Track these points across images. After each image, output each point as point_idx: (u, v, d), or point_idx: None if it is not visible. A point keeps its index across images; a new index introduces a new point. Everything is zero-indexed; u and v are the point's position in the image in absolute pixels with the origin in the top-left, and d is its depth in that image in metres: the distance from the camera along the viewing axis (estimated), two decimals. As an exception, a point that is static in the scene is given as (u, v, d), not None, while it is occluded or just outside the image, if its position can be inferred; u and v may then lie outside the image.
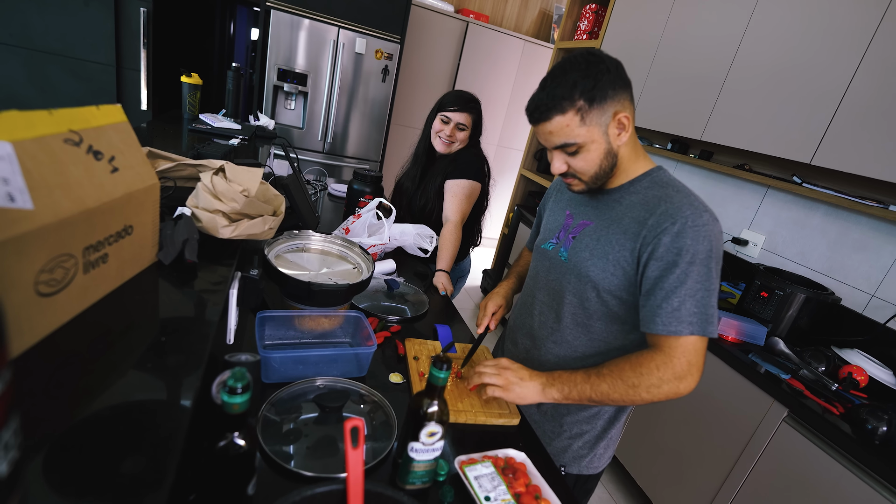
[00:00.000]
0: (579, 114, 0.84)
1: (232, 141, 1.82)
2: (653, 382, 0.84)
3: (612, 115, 0.85)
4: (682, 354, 0.84)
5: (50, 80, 2.30)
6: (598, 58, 0.84)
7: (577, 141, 0.86)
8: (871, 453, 1.18)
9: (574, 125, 0.84)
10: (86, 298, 0.60)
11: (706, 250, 0.83)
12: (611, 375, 0.87)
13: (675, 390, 0.85)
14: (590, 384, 0.88)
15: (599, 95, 0.83)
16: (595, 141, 0.87)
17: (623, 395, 0.86)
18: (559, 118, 0.84)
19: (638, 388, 0.85)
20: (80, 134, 0.58)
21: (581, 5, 3.15)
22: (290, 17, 2.97)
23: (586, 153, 0.88)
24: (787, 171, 2.00)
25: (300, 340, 1.00)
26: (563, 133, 0.86)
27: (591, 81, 0.82)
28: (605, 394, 0.87)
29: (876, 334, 1.62)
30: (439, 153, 1.72)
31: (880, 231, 1.68)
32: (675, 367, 0.84)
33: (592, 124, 0.85)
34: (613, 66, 0.85)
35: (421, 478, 0.70)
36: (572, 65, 0.84)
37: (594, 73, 0.82)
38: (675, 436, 1.79)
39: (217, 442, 0.52)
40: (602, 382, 0.87)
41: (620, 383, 0.86)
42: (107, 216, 0.60)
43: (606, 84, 0.83)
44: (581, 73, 0.82)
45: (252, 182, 0.92)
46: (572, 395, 0.89)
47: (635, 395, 0.86)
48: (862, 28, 1.53)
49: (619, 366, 0.88)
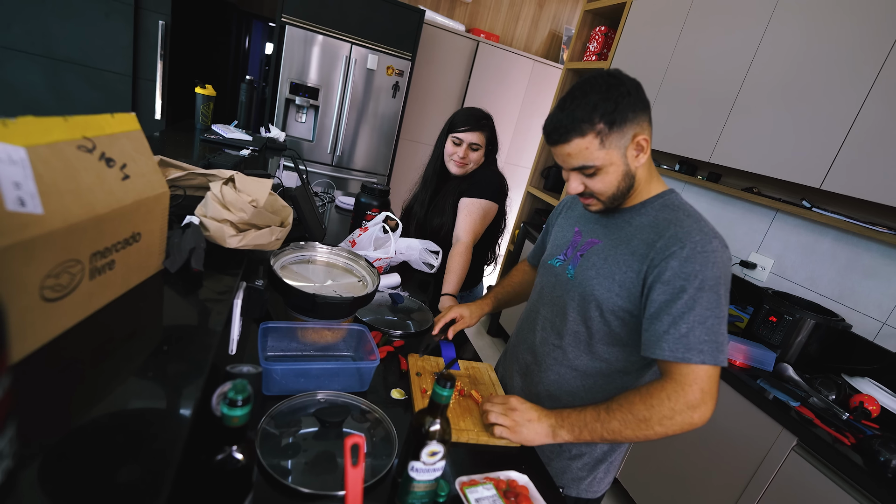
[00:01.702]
0: (599, 137, 0.82)
1: (242, 152, 1.84)
2: (665, 414, 0.81)
3: (630, 138, 0.84)
4: (695, 382, 0.80)
5: (68, 88, 2.35)
6: (619, 80, 0.84)
7: (595, 164, 0.85)
8: (882, 486, 1.14)
9: (593, 148, 0.83)
10: (90, 304, 0.60)
11: (715, 276, 0.81)
12: (620, 410, 0.84)
13: (690, 421, 0.81)
14: (600, 422, 0.85)
15: (619, 119, 0.82)
16: (614, 163, 0.85)
17: (636, 431, 0.83)
18: (578, 141, 0.83)
19: (650, 420, 0.82)
20: (94, 141, 0.59)
21: (591, 27, 3.19)
22: (304, 32, 3.03)
23: (604, 175, 0.87)
24: (797, 196, 1.99)
25: (302, 353, 0.99)
26: (582, 156, 0.84)
27: (611, 104, 0.81)
28: (616, 431, 0.84)
29: (887, 363, 1.59)
30: (453, 175, 1.65)
31: (891, 258, 1.66)
32: (688, 396, 0.80)
33: (611, 147, 0.84)
34: (634, 87, 0.84)
35: (421, 498, 0.68)
36: (592, 86, 0.83)
37: (615, 96, 0.81)
38: (681, 461, 1.74)
39: (215, 455, 0.51)
40: (612, 419, 0.84)
41: (631, 417, 0.83)
42: (116, 223, 0.60)
43: (626, 107, 0.82)
44: (601, 96, 0.81)
45: (261, 193, 0.93)
46: (583, 436, 0.86)
47: (648, 430, 0.82)
48: (873, 52, 1.54)
49: (628, 399, 0.85)
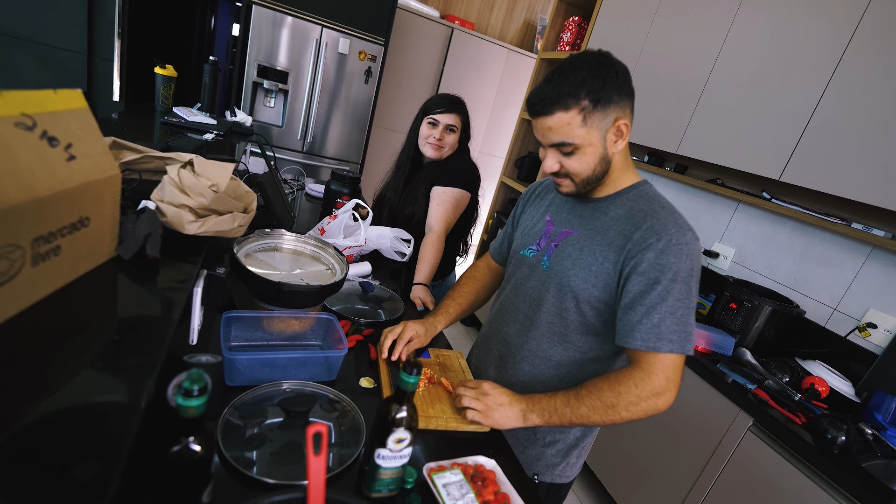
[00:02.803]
0: (582, 113, 0.82)
1: (206, 136, 1.78)
2: (631, 400, 0.84)
3: (612, 121, 0.85)
4: (661, 371, 0.84)
5: (14, 65, 2.20)
6: (609, 60, 0.84)
7: (574, 141, 0.85)
8: (830, 462, 1.21)
9: (575, 124, 0.83)
10: (34, 293, 0.57)
11: (688, 269, 0.83)
12: (589, 396, 0.87)
13: (654, 406, 0.85)
14: (570, 407, 0.87)
15: (605, 98, 0.82)
16: (592, 144, 0.85)
17: (603, 416, 0.86)
18: (561, 115, 0.83)
19: (616, 406, 0.85)
20: (34, 118, 0.55)
21: (564, 17, 3.20)
22: (272, 13, 2.93)
23: (582, 155, 0.87)
24: (758, 187, 2.06)
25: (269, 342, 0.97)
26: (563, 131, 0.84)
27: (599, 83, 0.81)
28: (585, 416, 0.87)
29: (837, 347, 1.68)
30: (427, 160, 1.63)
31: (843, 247, 1.74)
32: (654, 383, 0.84)
33: (593, 126, 0.84)
34: (622, 70, 0.84)
35: (387, 485, 0.68)
36: (582, 62, 0.82)
37: (603, 75, 0.81)
38: (645, 442, 1.81)
39: (171, 447, 0.49)
40: (581, 405, 0.87)
41: (599, 403, 0.86)
42: (60, 206, 0.57)
43: (613, 88, 0.82)
44: (590, 73, 0.81)
45: (222, 177, 0.89)
46: (553, 420, 0.89)
47: (615, 415, 0.85)
48: (830, 51, 1.59)
49: (597, 385, 0.87)
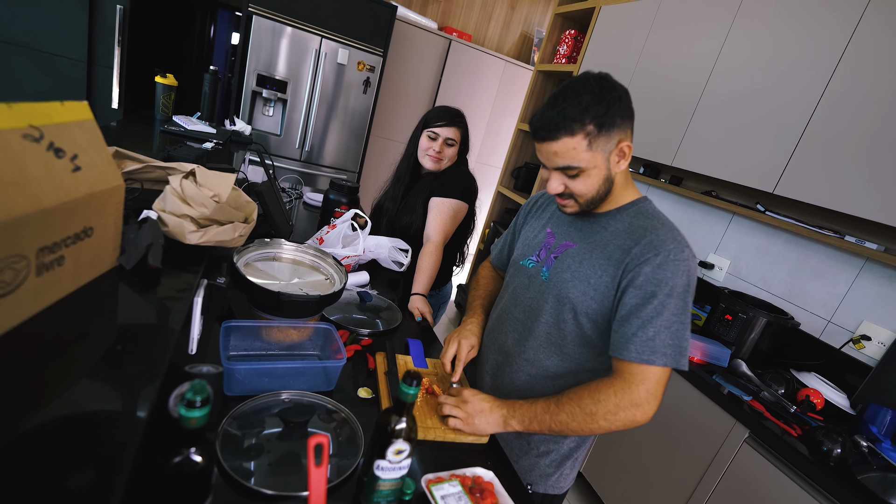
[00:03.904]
0: (587, 138, 0.83)
1: (206, 145, 1.78)
2: (609, 409, 0.85)
3: (616, 143, 0.86)
4: (642, 382, 0.84)
5: (14, 73, 2.21)
6: (611, 84, 0.85)
7: (580, 165, 0.86)
8: (826, 474, 1.22)
9: (580, 149, 0.84)
10: (38, 302, 0.57)
11: (684, 284, 0.85)
12: (570, 404, 0.87)
13: (632, 418, 0.85)
14: (549, 414, 0.88)
15: (609, 123, 0.83)
16: (597, 167, 0.87)
17: (581, 425, 0.86)
18: (567, 140, 0.83)
19: (595, 415, 0.85)
20: (42, 130, 0.56)
21: (561, 30, 3.25)
22: (272, 23, 2.95)
23: (587, 178, 0.88)
24: (752, 199, 2.08)
25: (267, 352, 0.97)
26: (569, 156, 0.85)
27: (603, 107, 0.82)
28: (564, 423, 0.87)
29: (831, 359, 1.69)
30: (425, 171, 1.66)
31: (836, 259, 1.76)
32: (634, 394, 0.84)
33: (597, 150, 0.85)
34: (624, 94, 0.86)
35: (386, 497, 0.68)
36: (585, 86, 0.84)
37: (607, 100, 0.82)
38: (641, 454, 1.81)
39: (172, 457, 0.49)
40: (561, 412, 0.87)
41: (579, 411, 0.86)
42: (65, 217, 0.57)
43: (616, 112, 0.83)
44: (594, 97, 0.82)
45: (223, 187, 0.90)
46: (532, 426, 0.89)
47: (593, 424, 0.86)
48: (823, 64, 1.62)
49: (577, 393, 0.88)
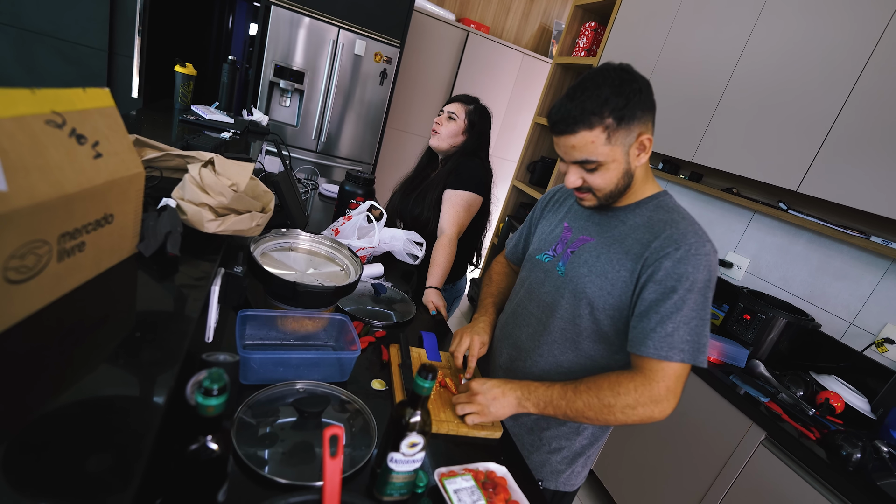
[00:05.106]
0: (606, 131, 0.81)
1: (223, 134, 1.79)
2: (628, 403, 0.83)
3: (636, 136, 0.84)
4: (663, 379, 0.83)
5: (38, 61, 2.24)
6: (631, 76, 0.83)
7: (598, 159, 0.84)
8: (845, 479, 1.19)
9: (599, 142, 0.82)
10: (58, 287, 0.58)
11: (705, 279, 0.83)
12: (587, 392, 0.86)
13: (650, 414, 0.84)
14: (566, 401, 0.87)
15: (629, 115, 0.81)
16: (616, 160, 0.85)
17: (598, 414, 0.85)
18: (585, 133, 0.82)
19: (613, 407, 0.84)
20: (64, 116, 0.56)
21: (581, 22, 3.19)
22: (290, 14, 2.95)
23: (605, 171, 0.86)
24: (774, 197, 2.03)
25: (282, 342, 0.97)
26: (587, 149, 0.83)
27: (623, 100, 0.80)
28: (579, 411, 0.86)
29: (853, 362, 1.65)
30: (441, 158, 1.72)
31: (860, 260, 1.71)
32: (654, 390, 0.83)
33: (617, 144, 0.83)
34: (645, 85, 0.84)
35: (399, 489, 0.68)
36: (605, 78, 0.82)
37: (627, 92, 0.80)
38: (654, 453, 1.79)
39: (189, 445, 0.49)
40: (578, 400, 0.86)
41: (596, 402, 0.85)
42: (86, 203, 0.58)
43: (636, 105, 0.81)
44: (614, 90, 0.80)
45: (242, 177, 0.90)
46: (547, 410, 0.89)
47: (609, 415, 0.84)
48: (853, 60, 1.57)
49: (597, 383, 0.87)
